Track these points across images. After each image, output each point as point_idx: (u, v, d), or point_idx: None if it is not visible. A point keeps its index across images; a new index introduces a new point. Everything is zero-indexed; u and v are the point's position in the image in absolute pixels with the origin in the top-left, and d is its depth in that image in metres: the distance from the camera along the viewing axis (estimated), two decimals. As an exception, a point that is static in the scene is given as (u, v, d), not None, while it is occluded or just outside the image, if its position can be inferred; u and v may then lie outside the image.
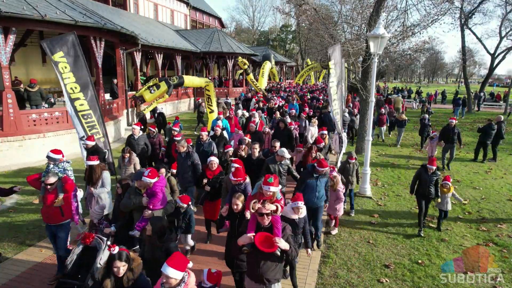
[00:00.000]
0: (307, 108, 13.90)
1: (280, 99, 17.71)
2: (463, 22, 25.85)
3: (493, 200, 8.34)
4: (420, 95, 33.78)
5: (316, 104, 16.15)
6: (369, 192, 8.56)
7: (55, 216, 4.78)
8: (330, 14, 20.66)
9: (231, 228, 4.43)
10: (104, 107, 13.10)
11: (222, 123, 10.08)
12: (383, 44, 7.98)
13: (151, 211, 4.56)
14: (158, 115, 13.66)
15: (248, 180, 5.31)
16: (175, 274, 2.70)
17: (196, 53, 24.61)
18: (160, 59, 20.17)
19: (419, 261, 5.63)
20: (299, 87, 29.94)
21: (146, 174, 4.56)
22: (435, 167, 6.48)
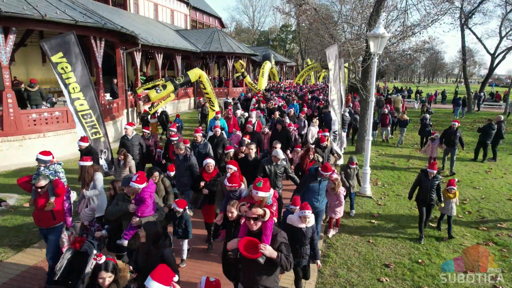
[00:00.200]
0: (305, 108, 13.89)
1: (281, 99, 17.69)
2: (463, 22, 25.86)
3: (493, 200, 8.35)
4: (420, 94, 33.78)
5: (316, 104, 16.13)
6: (369, 191, 8.56)
7: (47, 220, 4.66)
8: (330, 14, 20.69)
9: (227, 237, 4.15)
10: (104, 107, 13.10)
11: (220, 122, 9.98)
12: (383, 44, 8.00)
13: (138, 219, 4.27)
14: (161, 114, 13.67)
15: (243, 186, 5.13)
16: None
17: (196, 53, 24.63)
18: (160, 59, 20.19)
19: (419, 260, 5.64)
20: (299, 87, 29.94)
21: (134, 180, 4.26)
22: (436, 171, 6.19)
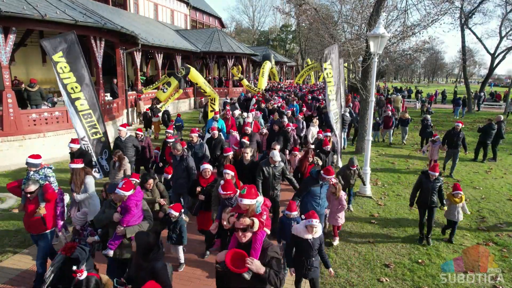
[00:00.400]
0: (304, 109, 13.87)
1: (281, 99, 17.69)
2: (463, 22, 25.84)
3: (493, 200, 8.35)
4: (420, 94, 33.78)
5: (316, 104, 16.13)
6: (369, 191, 8.55)
7: (37, 226, 4.53)
8: (330, 14, 20.69)
9: (221, 247, 4.02)
10: (104, 106, 13.10)
11: (218, 123, 9.93)
12: (383, 43, 7.99)
13: (123, 228, 4.06)
14: (163, 113, 13.69)
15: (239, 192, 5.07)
16: None
17: (196, 53, 24.63)
18: (160, 59, 20.19)
19: (419, 260, 5.64)
20: (299, 87, 29.94)
21: (120, 186, 4.04)
22: (438, 173, 5.97)
